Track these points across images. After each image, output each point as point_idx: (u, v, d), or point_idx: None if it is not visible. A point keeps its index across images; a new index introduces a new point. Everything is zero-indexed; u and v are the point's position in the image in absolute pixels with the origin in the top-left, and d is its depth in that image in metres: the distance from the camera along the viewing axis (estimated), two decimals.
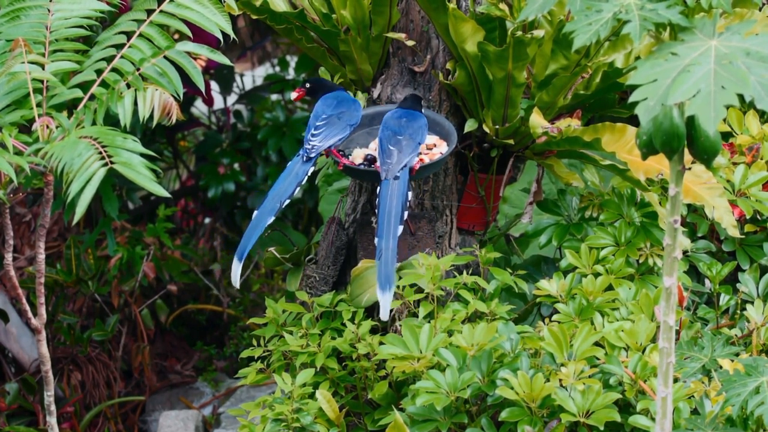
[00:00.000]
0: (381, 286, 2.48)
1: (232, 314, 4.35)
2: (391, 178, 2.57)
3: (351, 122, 2.68)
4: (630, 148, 2.65)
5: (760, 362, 2.09)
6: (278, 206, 2.58)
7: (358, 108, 2.70)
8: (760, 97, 1.60)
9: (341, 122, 2.68)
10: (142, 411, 4.03)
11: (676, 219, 1.82)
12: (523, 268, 2.88)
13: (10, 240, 2.32)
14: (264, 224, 2.57)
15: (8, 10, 2.37)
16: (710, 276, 2.71)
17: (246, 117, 4.93)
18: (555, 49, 2.67)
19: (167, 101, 2.30)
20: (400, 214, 2.55)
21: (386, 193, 2.57)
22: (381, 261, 2.49)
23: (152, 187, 2.02)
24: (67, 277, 3.85)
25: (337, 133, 2.67)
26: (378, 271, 2.49)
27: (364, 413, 2.59)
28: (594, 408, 2.22)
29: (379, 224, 2.53)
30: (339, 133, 2.67)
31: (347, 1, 2.72)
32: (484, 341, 2.39)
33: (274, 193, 2.60)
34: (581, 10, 1.74)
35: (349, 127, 2.68)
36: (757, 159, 2.90)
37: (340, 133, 2.67)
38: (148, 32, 2.37)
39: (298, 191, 2.65)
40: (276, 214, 2.58)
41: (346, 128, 2.68)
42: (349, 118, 2.68)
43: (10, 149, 2.15)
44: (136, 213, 4.70)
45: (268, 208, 2.58)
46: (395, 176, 2.58)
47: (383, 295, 2.47)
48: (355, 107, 2.70)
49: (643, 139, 1.78)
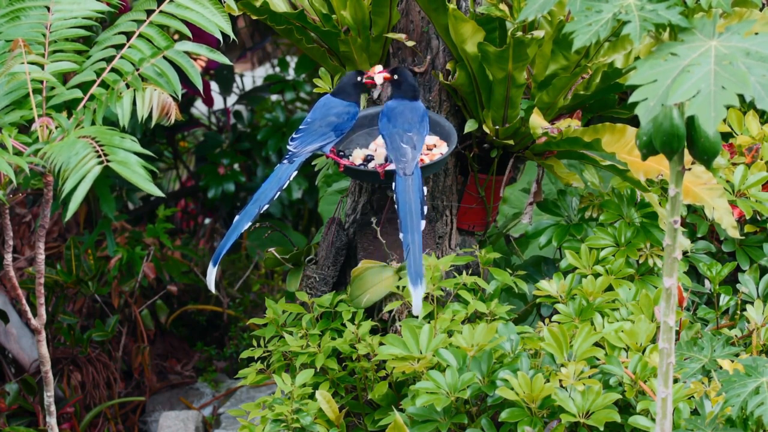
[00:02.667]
0: (412, 281, 2.44)
1: (232, 315, 4.35)
2: (409, 174, 2.58)
3: (338, 129, 2.67)
4: (630, 149, 2.65)
5: (759, 363, 2.09)
6: (257, 211, 2.58)
7: (351, 117, 2.68)
8: (760, 98, 1.60)
9: (325, 128, 2.67)
10: (142, 411, 4.03)
11: (676, 219, 1.82)
12: (523, 268, 2.88)
13: (10, 240, 2.32)
14: (241, 229, 2.56)
15: (8, 11, 2.37)
16: (710, 276, 2.71)
17: (246, 117, 4.93)
18: (555, 50, 2.67)
19: (166, 101, 2.30)
20: (420, 208, 2.54)
21: (403, 189, 2.56)
22: (409, 256, 2.47)
23: (147, 187, 2.02)
24: (67, 277, 3.85)
25: (315, 139, 2.66)
26: (408, 267, 2.46)
27: (364, 414, 2.59)
28: (594, 408, 2.22)
29: (402, 221, 2.52)
30: (318, 140, 2.66)
31: (347, 2, 2.72)
32: (484, 342, 2.39)
33: (256, 198, 2.60)
34: (581, 10, 1.74)
35: (334, 133, 2.67)
36: (756, 159, 2.90)
37: (320, 140, 2.66)
38: (148, 32, 2.37)
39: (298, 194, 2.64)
40: (254, 219, 2.58)
41: (329, 135, 2.67)
42: (336, 126, 2.67)
43: (9, 150, 2.15)
44: (136, 213, 4.70)
45: (249, 213, 2.58)
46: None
47: (415, 290, 2.44)
48: (347, 116, 2.68)
49: (643, 140, 1.78)
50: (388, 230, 2.76)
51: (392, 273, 2.70)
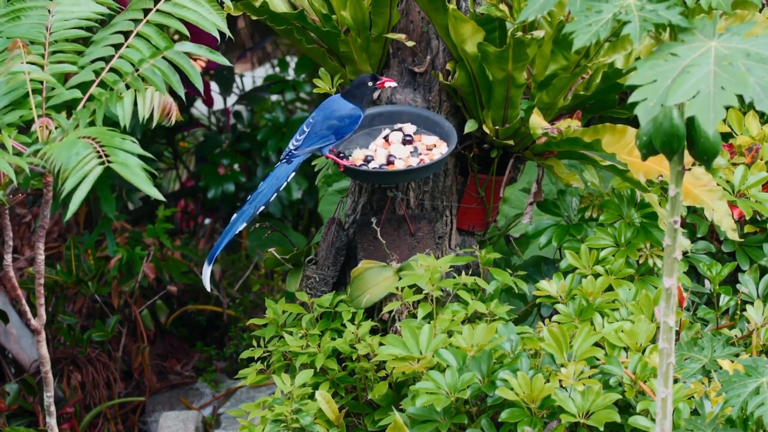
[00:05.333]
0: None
1: (232, 315, 4.35)
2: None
3: (338, 133, 2.67)
4: (630, 149, 2.65)
5: (759, 363, 2.09)
6: (253, 212, 2.60)
7: (353, 121, 2.68)
8: (760, 99, 1.60)
9: (326, 130, 2.67)
10: (142, 412, 4.03)
11: (675, 220, 1.82)
12: (523, 268, 2.88)
13: (10, 241, 2.32)
14: (236, 229, 2.60)
15: (8, 11, 2.37)
16: (710, 277, 2.71)
17: (246, 118, 4.93)
18: (555, 50, 2.67)
19: (166, 102, 2.30)
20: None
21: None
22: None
23: (147, 189, 2.02)
24: (67, 277, 3.85)
25: (315, 141, 2.67)
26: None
27: (364, 414, 2.59)
28: (594, 409, 2.22)
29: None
30: (318, 142, 2.67)
31: (347, 2, 2.72)
32: (483, 342, 2.39)
33: (252, 198, 2.61)
34: (581, 10, 1.74)
35: (334, 136, 2.67)
36: (756, 160, 2.90)
37: (320, 142, 2.67)
38: (146, 32, 2.37)
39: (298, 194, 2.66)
40: (250, 219, 2.59)
41: (329, 137, 2.67)
42: (337, 129, 2.67)
43: (9, 150, 2.15)
44: (136, 214, 4.70)
45: (245, 213, 2.60)
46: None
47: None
48: (350, 119, 2.68)
49: (642, 140, 1.78)
50: (387, 230, 2.76)
51: (392, 273, 2.70)
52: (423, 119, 2.78)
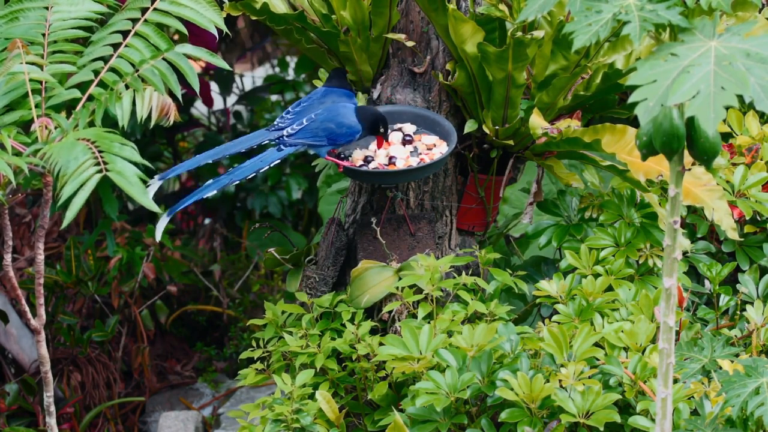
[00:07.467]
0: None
1: (232, 315, 4.35)
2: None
3: (331, 139, 2.67)
4: (630, 149, 2.65)
5: (759, 363, 2.09)
6: (227, 183, 2.60)
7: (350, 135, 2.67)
8: (759, 99, 1.60)
9: (321, 132, 2.67)
10: (142, 412, 4.03)
11: (675, 220, 1.82)
12: (523, 268, 2.88)
13: (10, 241, 2.32)
14: (205, 193, 2.58)
15: (7, 12, 2.36)
16: (710, 277, 2.71)
17: (246, 118, 4.93)
18: (555, 50, 2.67)
19: (165, 102, 2.30)
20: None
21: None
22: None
23: (143, 200, 2.03)
24: (67, 278, 3.85)
25: (309, 137, 2.66)
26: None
27: (364, 414, 2.59)
28: (594, 409, 2.22)
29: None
30: (310, 138, 2.66)
31: (347, 2, 2.72)
32: (483, 342, 2.39)
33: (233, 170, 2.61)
34: (581, 10, 1.74)
35: (327, 140, 2.66)
36: (756, 160, 2.90)
37: (311, 140, 2.66)
38: (144, 31, 2.37)
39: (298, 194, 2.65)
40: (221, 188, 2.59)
41: (322, 140, 2.66)
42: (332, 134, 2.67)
43: (9, 150, 2.15)
44: (136, 214, 4.70)
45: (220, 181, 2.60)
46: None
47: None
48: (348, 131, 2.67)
49: (642, 140, 1.78)
50: (387, 230, 2.76)
51: (392, 273, 2.70)
52: (423, 119, 2.78)
